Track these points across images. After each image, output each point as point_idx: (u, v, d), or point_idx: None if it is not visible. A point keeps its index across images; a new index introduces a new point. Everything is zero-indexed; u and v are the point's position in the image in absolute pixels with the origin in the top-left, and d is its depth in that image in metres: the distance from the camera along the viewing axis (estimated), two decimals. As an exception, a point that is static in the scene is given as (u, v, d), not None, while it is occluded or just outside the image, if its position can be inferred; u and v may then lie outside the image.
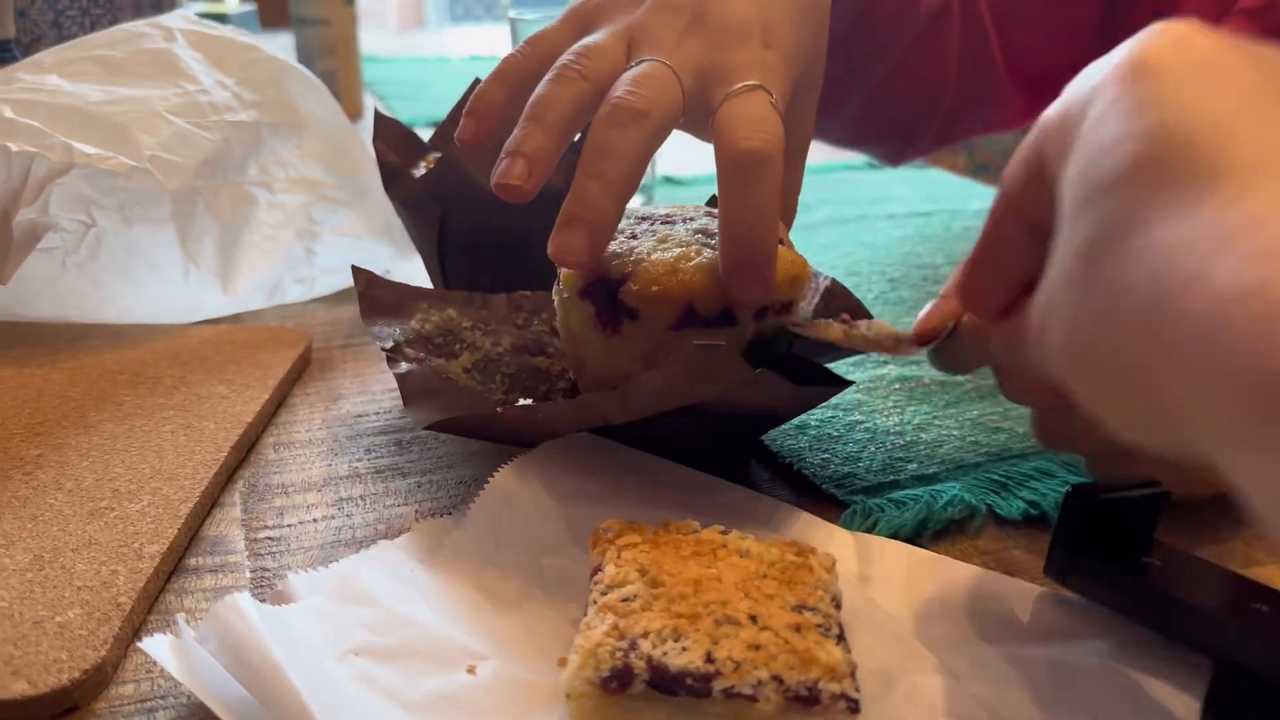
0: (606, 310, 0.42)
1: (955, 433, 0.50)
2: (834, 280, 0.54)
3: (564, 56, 0.44)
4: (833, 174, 1.01)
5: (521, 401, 0.42)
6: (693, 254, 0.42)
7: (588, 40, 0.45)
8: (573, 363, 0.47)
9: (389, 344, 0.48)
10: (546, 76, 0.43)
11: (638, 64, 0.43)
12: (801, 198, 0.94)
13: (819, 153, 1.14)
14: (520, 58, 0.47)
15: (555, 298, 0.46)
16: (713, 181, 0.41)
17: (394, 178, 0.59)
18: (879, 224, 0.85)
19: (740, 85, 0.42)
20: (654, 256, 0.42)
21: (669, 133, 0.44)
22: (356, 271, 0.52)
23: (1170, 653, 0.34)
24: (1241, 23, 0.73)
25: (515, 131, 0.42)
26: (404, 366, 0.47)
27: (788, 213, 0.48)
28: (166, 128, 0.57)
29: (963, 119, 0.81)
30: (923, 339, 0.39)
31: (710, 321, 0.41)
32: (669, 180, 0.97)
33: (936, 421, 0.51)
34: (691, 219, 0.45)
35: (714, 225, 0.44)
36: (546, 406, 0.42)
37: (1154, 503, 0.38)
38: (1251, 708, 0.32)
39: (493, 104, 0.45)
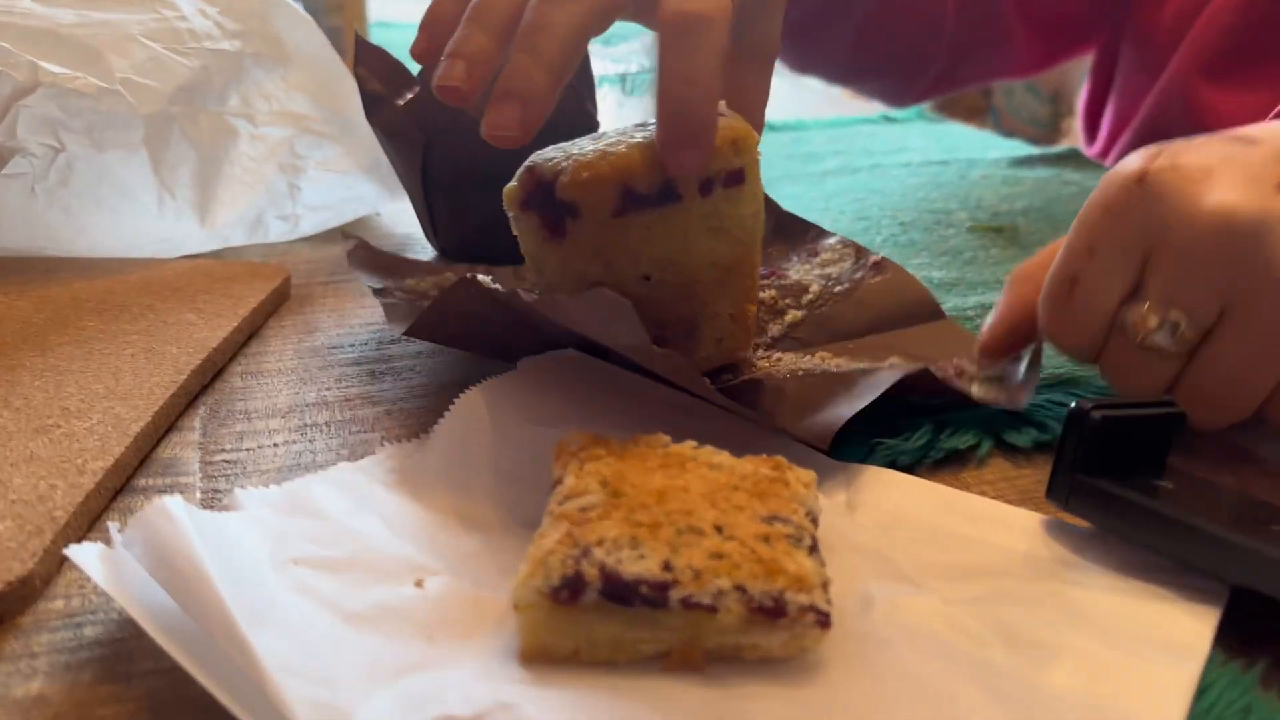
0: (549, 214, 0.40)
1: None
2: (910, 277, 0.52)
3: None
4: (849, 127, 0.98)
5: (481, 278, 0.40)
6: (625, 141, 0.40)
7: None
8: (538, 287, 0.45)
9: (378, 285, 0.47)
10: None
11: None
12: (814, 148, 0.92)
13: (833, 106, 1.11)
14: None
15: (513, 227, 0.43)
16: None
17: (376, 106, 0.56)
18: (893, 172, 0.82)
19: None
20: (588, 150, 0.40)
21: (613, 14, 0.41)
22: (347, 236, 0.50)
23: (1183, 580, 0.31)
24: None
25: (456, 32, 0.40)
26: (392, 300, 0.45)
27: (753, 125, 0.45)
28: (141, 51, 0.54)
29: (967, 61, 0.80)
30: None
31: (652, 199, 0.39)
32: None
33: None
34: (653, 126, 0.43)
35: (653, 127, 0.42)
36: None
37: (1167, 423, 0.35)
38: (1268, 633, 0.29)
39: (444, 15, 0.43)
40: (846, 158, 0.86)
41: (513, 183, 0.41)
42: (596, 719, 0.25)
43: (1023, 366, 0.43)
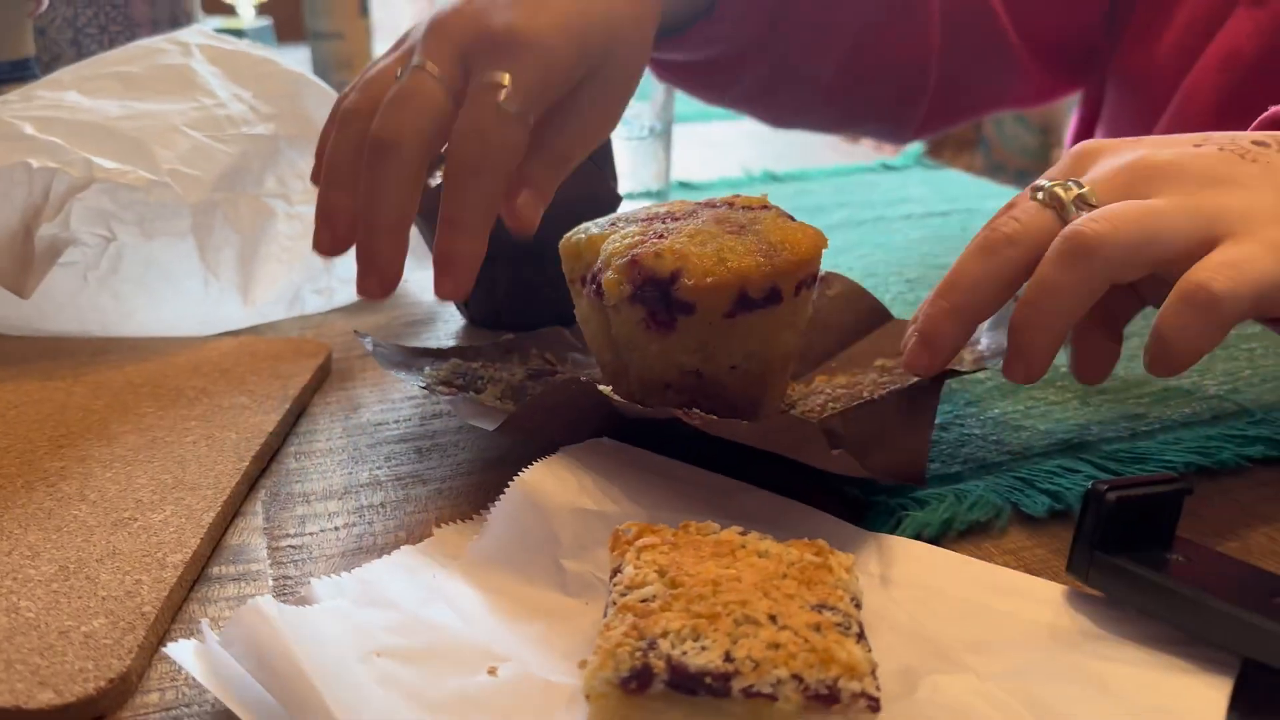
0: (660, 310, 0.42)
1: (977, 431, 0.50)
2: (852, 283, 0.55)
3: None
4: (849, 176, 1.01)
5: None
6: (730, 242, 0.43)
7: (390, 93, 0.46)
8: (610, 373, 0.47)
9: (422, 382, 0.49)
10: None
11: (399, 76, 0.46)
12: (819, 199, 0.94)
13: (834, 154, 1.14)
14: (355, 111, 0.48)
15: (586, 309, 0.46)
16: (727, 186, 0.43)
17: None
18: (895, 224, 0.85)
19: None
20: (696, 250, 0.42)
21: (430, 148, 0.46)
22: (360, 335, 0.53)
23: (1196, 651, 0.34)
24: (1244, 13, 0.72)
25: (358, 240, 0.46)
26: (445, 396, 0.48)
27: (527, 220, 0.48)
28: (185, 141, 0.57)
29: (967, 92, 0.80)
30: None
31: (760, 303, 0.42)
32: (684, 185, 0.97)
33: (958, 421, 0.51)
34: (695, 213, 0.46)
35: (724, 213, 0.46)
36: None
37: (1176, 498, 0.37)
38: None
39: (338, 206, 0.47)
40: (851, 210, 0.89)
41: (613, 275, 0.43)
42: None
43: (993, 336, 0.48)
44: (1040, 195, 0.43)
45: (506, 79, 0.44)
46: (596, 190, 0.58)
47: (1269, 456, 0.47)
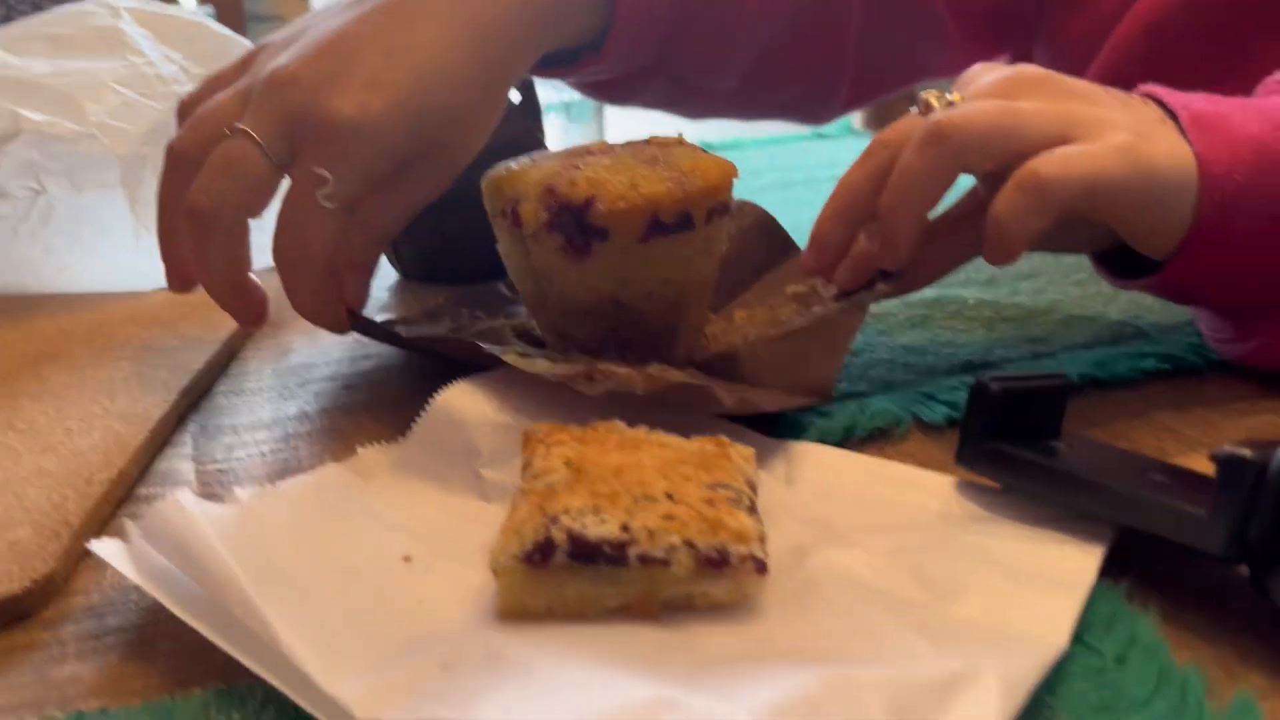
0: (575, 236, 0.44)
1: (885, 356, 0.52)
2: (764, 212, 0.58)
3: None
4: (783, 145, 1.03)
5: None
6: (643, 171, 0.44)
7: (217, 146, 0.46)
8: (533, 304, 0.49)
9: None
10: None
11: (224, 139, 0.45)
12: (753, 165, 0.95)
13: (768, 125, 1.16)
14: (182, 156, 0.48)
15: (507, 242, 0.48)
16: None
17: None
18: (824, 185, 0.87)
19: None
20: (610, 178, 0.44)
21: (248, 216, 0.47)
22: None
23: (1074, 526, 0.36)
24: None
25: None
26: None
27: (357, 296, 0.50)
28: (113, 97, 0.58)
29: (890, 69, 0.81)
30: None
31: (672, 228, 0.44)
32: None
33: (868, 348, 0.53)
34: (613, 149, 0.47)
35: (640, 148, 0.47)
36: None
37: (1060, 392, 0.40)
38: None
39: (175, 253, 0.49)
40: (782, 173, 0.92)
41: (530, 203, 0.44)
42: (572, 656, 0.29)
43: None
44: (914, 107, 0.46)
45: (329, 177, 0.44)
46: (521, 139, 0.59)
47: (1160, 369, 0.49)
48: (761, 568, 0.31)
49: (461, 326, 0.52)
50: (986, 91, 0.46)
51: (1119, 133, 0.43)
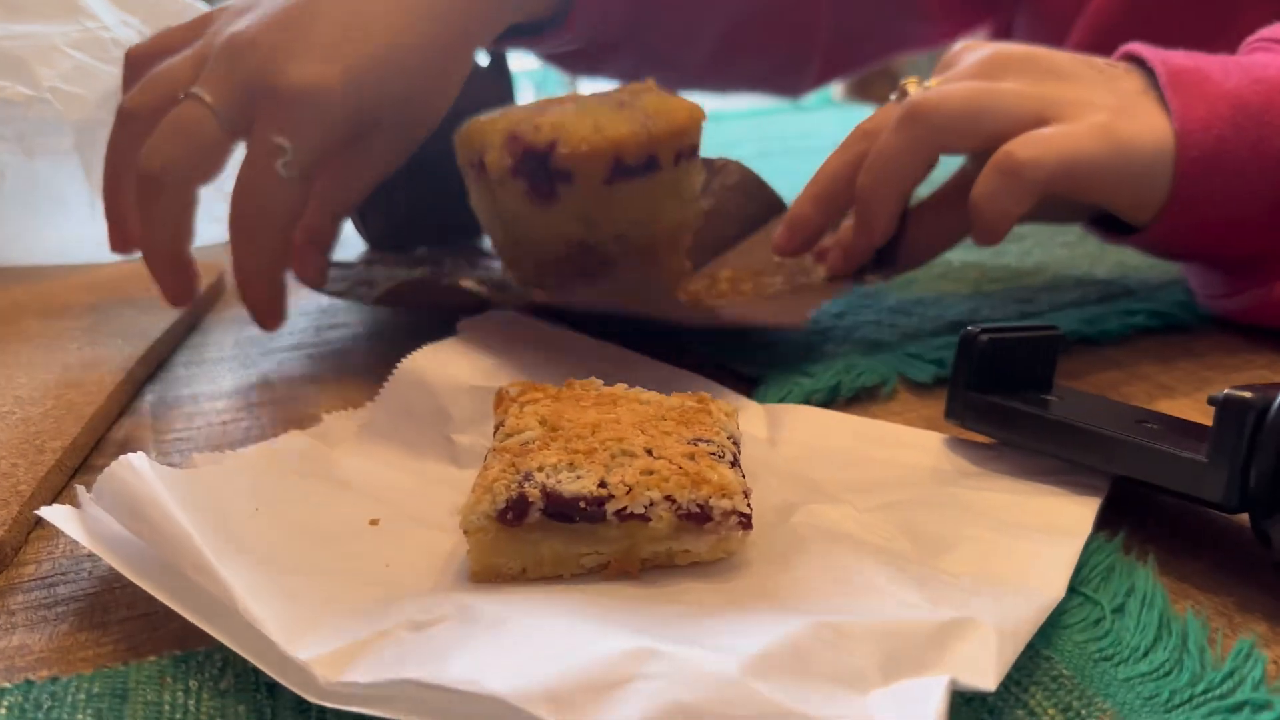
0: (540, 180, 0.43)
1: (871, 318, 0.51)
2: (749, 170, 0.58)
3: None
4: (763, 116, 1.02)
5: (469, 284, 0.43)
6: (607, 114, 0.43)
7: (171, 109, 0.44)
8: (506, 254, 0.48)
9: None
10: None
11: (179, 101, 0.44)
12: (733, 136, 0.94)
13: (748, 98, 1.15)
14: (133, 115, 0.46)
15: (478, 193, 0.46)
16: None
17: None
18: (804, 155, 0.86)
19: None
20: (573, 122, 0.43)
21: (199, 182, 0.46)
22: None
23: (1068, 478, 0.35)
24: None
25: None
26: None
27: (315, 274, 0.49)
28: (66, 61, 0.56)
29: (865, 40, 0.80)
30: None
31: (637, 170, 0.43)
32: None
33: (852, 310, 0.52)
34: (587, 97, 0.46)
35: (609, 94, 0.46)
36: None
37: (1050, 344, 0.38)
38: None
39: (120, 211, 0.48)
40: (761, 143, 0.90)
41: (495, 150, 0.43)
42: (548, 612, 0.28)
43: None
44: (894, 95, 0.47)
45: (288, 144, 0.43)
46: (491, 101, 0.58)
47: (1150, 326, 0.48)
48: (746, 523, 0.30)
49: (439, 275, 0.51)
50: (966, 74, 0.45)
51: (1097, 112, 0.43)
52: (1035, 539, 0.31)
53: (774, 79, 0.81)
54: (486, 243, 0.57)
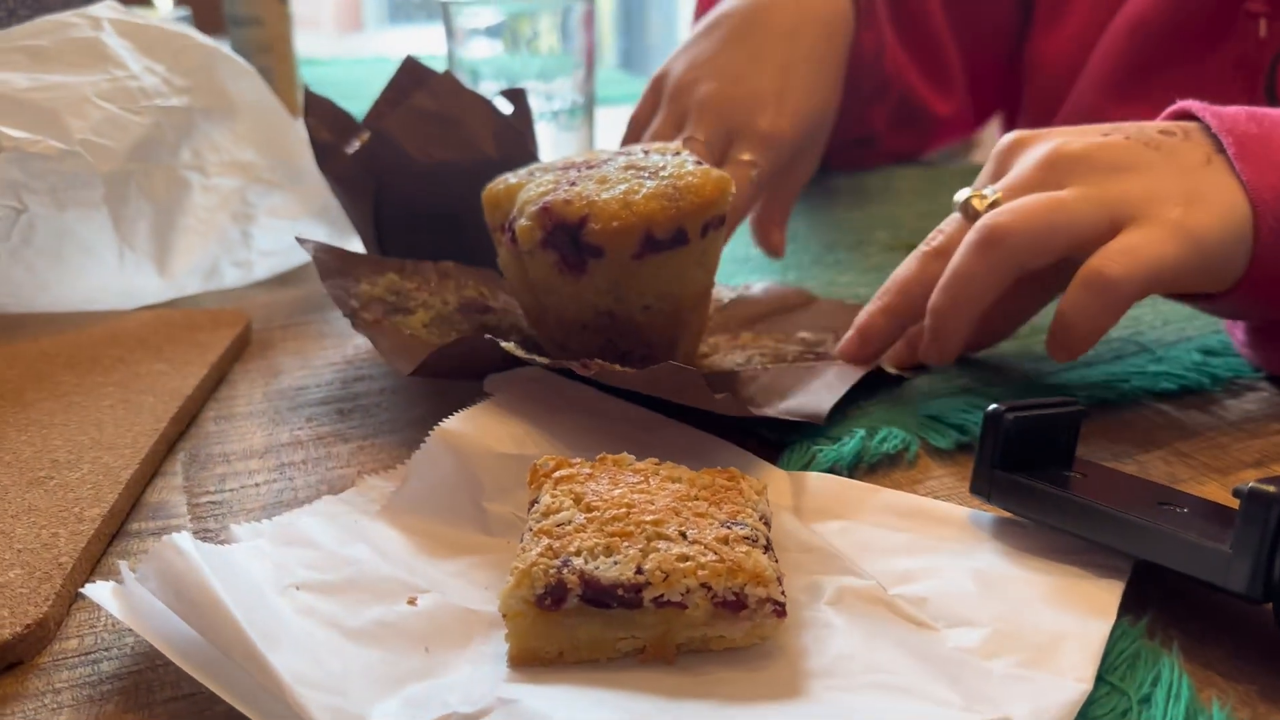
0: (570, 254, 0.44)
1: (890, 376, 0.51)
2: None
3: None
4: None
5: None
6: (636, 187, 0.44)
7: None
8: (532, 316, 0.49)
9: (347, 309, 0.49)
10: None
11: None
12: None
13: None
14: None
15: (506, 256, 0.47)
16: None
17: (327, 154, 0.59)
18: (814, 193, 0.87)
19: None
20: (604, 196, 0.43)
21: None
22: (302, 241, 0.52)
23: (1092, 559, 0.35)
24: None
25: None
26: (367, 321, 0.49)
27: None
28: (96, 112, 0.57)
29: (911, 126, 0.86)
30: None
31: (666, 244, 0.44)
32: None
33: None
34: (610, 160, 0.47)
35: (637, 160, 0.47)
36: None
37: (1073, 419, 0.39)
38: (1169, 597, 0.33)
39: None
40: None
41: (526, 222, 0.44)
42: (587, 705, 0.28)
43: None
44: (957, 209, 0.48)
45: (759, 163, 0.62)
46: (514, 154, 0.58)
47: (1167, 390, 0.49)
48: (780, 611, 0.30)
49: (466, 302, 0.53)
50: (1029, 181, 0.46)
51: (1170, 207, 0.43)
52: (1063, 623, 0.32)
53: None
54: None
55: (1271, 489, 0.30)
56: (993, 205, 0.46)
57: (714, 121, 0.63)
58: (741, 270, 0.68)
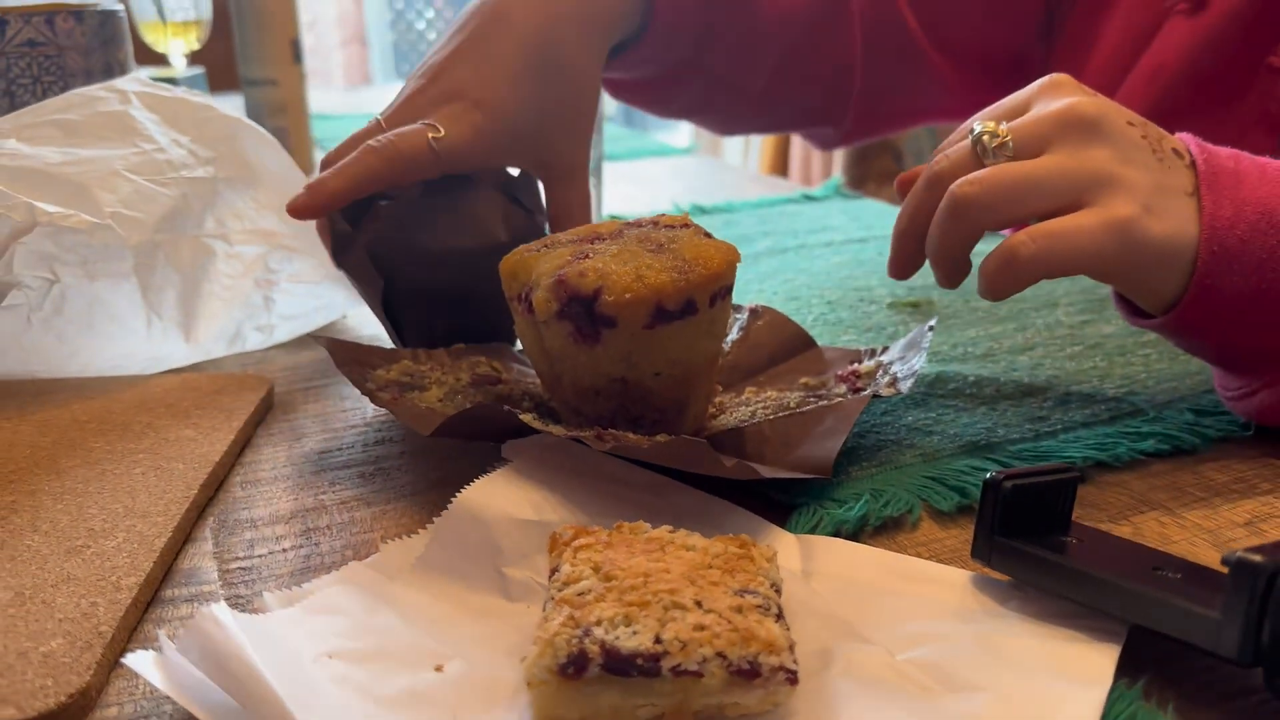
0: (585, 324, 0.46)
1: (892, 437, 0.53)
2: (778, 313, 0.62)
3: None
4: (773, 207, 1.05)
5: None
6: (648, 260, 0.46)
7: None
8: (547, 382, 0.51)
9: (363, 390, 0.51)
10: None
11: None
12: (744, 230, 0.98)
13: (758, 187, 1.19)
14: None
15: (522, 324, 0.49)
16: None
17: (344, 246, 0.60)
18: (816, 251, 0.89)
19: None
20: (616, 269, 0.45)
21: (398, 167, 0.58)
22: (316, 338, 0.55)
23: (1089, 623, 0.37)
24: (1178, 24, 0.75)
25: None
26: (385, 399, 0.51)
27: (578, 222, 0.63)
28: (126, 185, 0.59)
29: (889, 99, 0.84)
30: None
31: (676, 315, 0.46)
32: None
33: (874, 429, 0.54)
34: (621, 233, 0.49)
35: (648, 232, 0.49)
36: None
37: (1069, 485, 0.41)
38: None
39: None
40: (775, 239, 0.93)
41: (542, 293, 0.46)
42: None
43: (905, 362, 0.54)
44: (971, 137, 0.51)
45: (439, 129, 0.59)
46: (527, 236, 0.60)
47: (1160, 450, 0.51)
48: (793, 679, 0.32)
49: (478, 378, 0.55)
50: (1033, 133, 0.49)
51: (1127, 204, 0.46)
52: (1061, 687, 0.33)
53: (816, 118, 0.87)
54: (518, 344, 0.61)
55: (1258, 558, 0.32)
56: (1001, 147, 0.49)
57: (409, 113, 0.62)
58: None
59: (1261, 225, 0.47)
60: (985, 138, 0.50)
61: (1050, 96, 0.51)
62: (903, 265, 0.56)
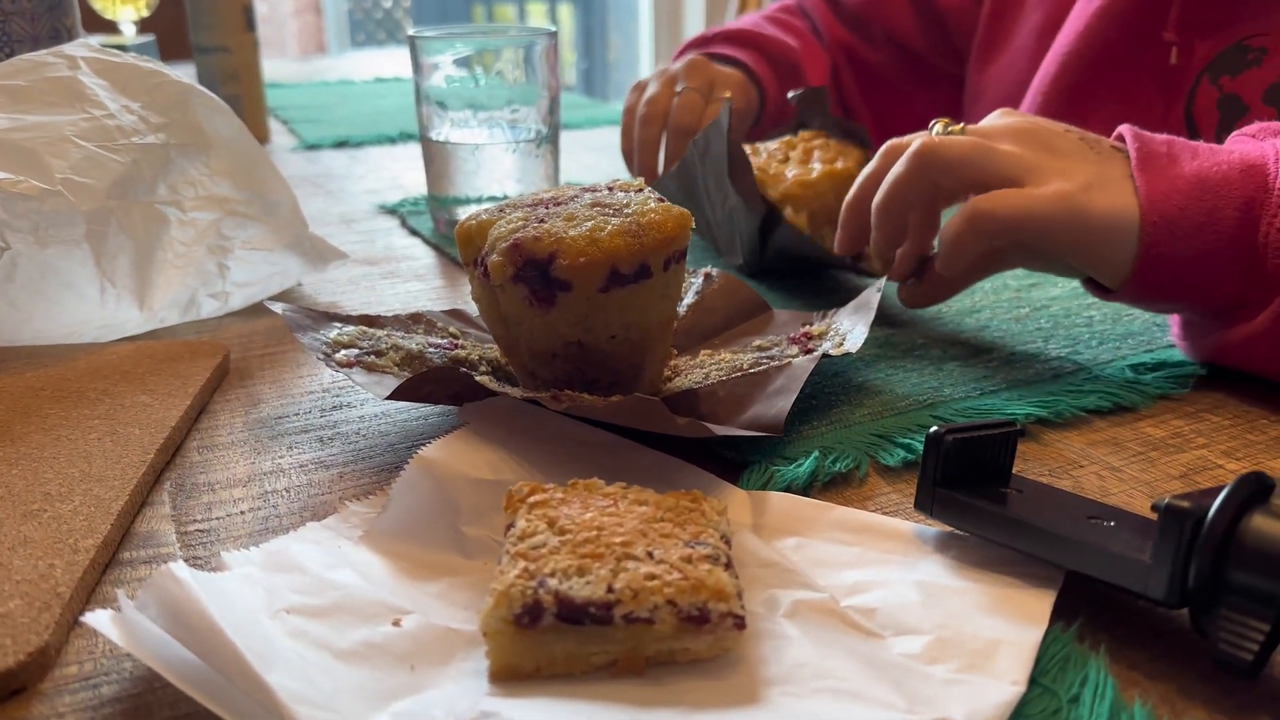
0: (540, 288, 0.46)
1: (842, 397, 0.54)
2: (731, 276, 0.62)
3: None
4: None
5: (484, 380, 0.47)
6: (602, 224, 0.46)
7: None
8: (504, 346, 0.51)
9: (320, 354, 0.52)
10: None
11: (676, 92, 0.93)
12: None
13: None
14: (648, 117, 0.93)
15: (478, 289, 0.50)
16: None
17: (743, 170, 0.71)
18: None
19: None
20: (571, 233, 0.46)
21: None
22: (270, 304, 0.55)
23: (1027, 570, 0.38)
24: (1081, 9, 0.82)
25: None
26: (341, 363, 0.51)
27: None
28: (76, 151, 0.58)
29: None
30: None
31: (631, 278, 0.46)
32: None
33: (825, 389, 0.55)
34: (576, 198, 0.50)
35: (603, 197, 0.49)
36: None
37: (1009, 439, 0.42)
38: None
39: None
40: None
41: (498, 258, 0.46)
42: (564, 716, 0.31)
43: (854, 323, 0.56)
44: (935, 129, 0.57)
45: (732, 97, 0.87)
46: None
47: (1100, 407, 0.52)
48: (740, 624, 0.33)
49: (435, 344, 0.55)
50: (984, 131, 0.55)
51: (1066, 183, 0.51)
52: (999, 630, 0.35)
53: None
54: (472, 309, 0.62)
55: (1185, 504, 0.33)
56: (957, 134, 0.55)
57: (699, 77, 0.91)
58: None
59: (1195, 193, 0.50)
60: (939, 127, 0.56)
61: (1001, 117, 0.57)
62: (850, 238, 0.60)
